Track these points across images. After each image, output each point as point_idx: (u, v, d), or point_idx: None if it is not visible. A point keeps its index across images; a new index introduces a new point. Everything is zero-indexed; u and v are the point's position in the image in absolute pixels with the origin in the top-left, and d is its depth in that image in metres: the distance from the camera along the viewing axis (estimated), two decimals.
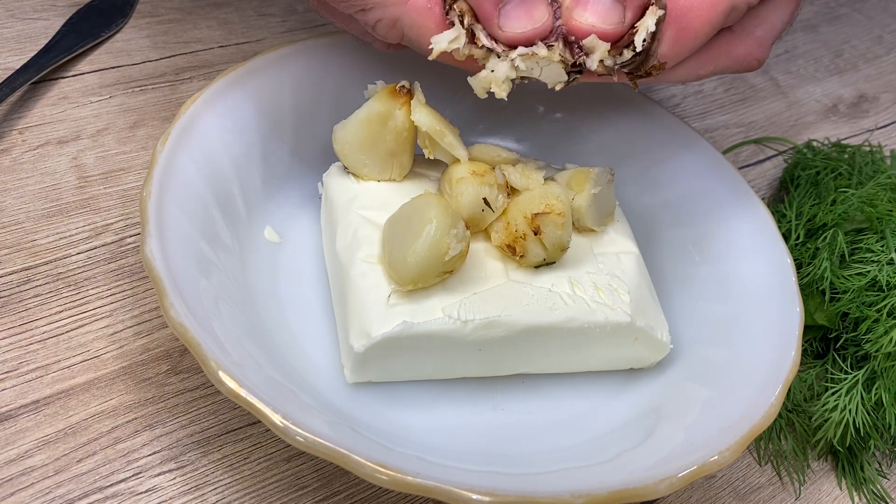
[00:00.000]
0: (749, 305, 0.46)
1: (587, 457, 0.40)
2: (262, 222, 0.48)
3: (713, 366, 0.44)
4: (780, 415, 0.49)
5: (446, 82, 0.55)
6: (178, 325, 0.37)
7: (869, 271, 0.50)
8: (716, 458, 0.37)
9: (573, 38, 0.38)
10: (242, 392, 0.35)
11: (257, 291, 0.45)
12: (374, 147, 0.45)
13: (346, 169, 0.47)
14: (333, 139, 0.46)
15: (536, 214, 0.42)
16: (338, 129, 0.46)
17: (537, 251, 0.43)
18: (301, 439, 0.34)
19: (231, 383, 0.35)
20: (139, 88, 0.57)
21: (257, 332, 0.42)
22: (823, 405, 0.47)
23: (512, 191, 0.44)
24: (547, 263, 0.43)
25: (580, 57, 0.38)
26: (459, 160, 0.44)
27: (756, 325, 0.45)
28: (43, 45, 0.57)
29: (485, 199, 0.43)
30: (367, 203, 0.45)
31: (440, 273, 0.40)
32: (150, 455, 0.41)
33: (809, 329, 0.51)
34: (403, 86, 0.44)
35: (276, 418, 0.34)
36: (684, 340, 0.46)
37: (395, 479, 0.34)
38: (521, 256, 0.43)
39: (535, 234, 0.42)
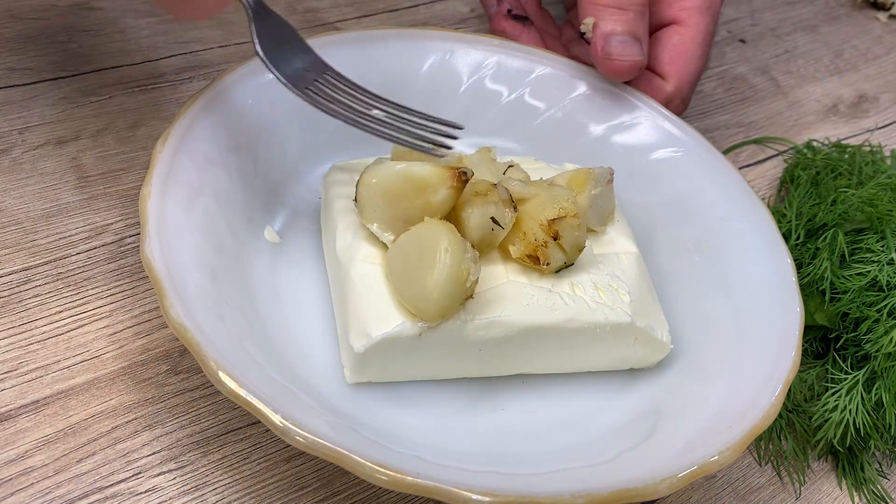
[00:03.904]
0: (749, 305, 0.46)
1: (587, 457, 0.40)
2: (262, 222, 0.48)
3: (713, 366, 0.44)
4: (780, 415, 0.49)
5: (447, 82, 0.55)
6: (177, 325, 0.37)
7: (869, 271, 0.50)
8: (716, 458, 0.37)
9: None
10: (242, 392, 0.35)
11: (257, 292, 0.45)
12: (396, 202, 0.41)
13: (354, 202, 0.43)
14: (367, 170, 0.42)
15: (553, 220, 0.42)
16: (375, 164, 0.42)
17: (558, 256, 0.42)
18: (301, 439, 0.34)
19: (231, 383, 0.35)
20: (139, 88, 0.57)
21: (257, 333, 0.42)
22: (823, 405, 0.47)
23: (518, 201, 0.44)
24: (566, 266, 0.43)
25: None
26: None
27: (756, 325, 0.45)
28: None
29: (493, 219, 0.42)
30: None
31: (462, 300, 0.40)
32: (150, 455, 0.41)
33: (809, 329, 0.51)
34: (464, 173, 0.40)
35: (276, 418, 0.34)
36: (684, 340, 0.46)
37: (395, 479, 0.34)
38: (547, 264, 0.42)
39: (555, 239, 0.42)
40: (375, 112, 0.45)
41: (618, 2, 0.52)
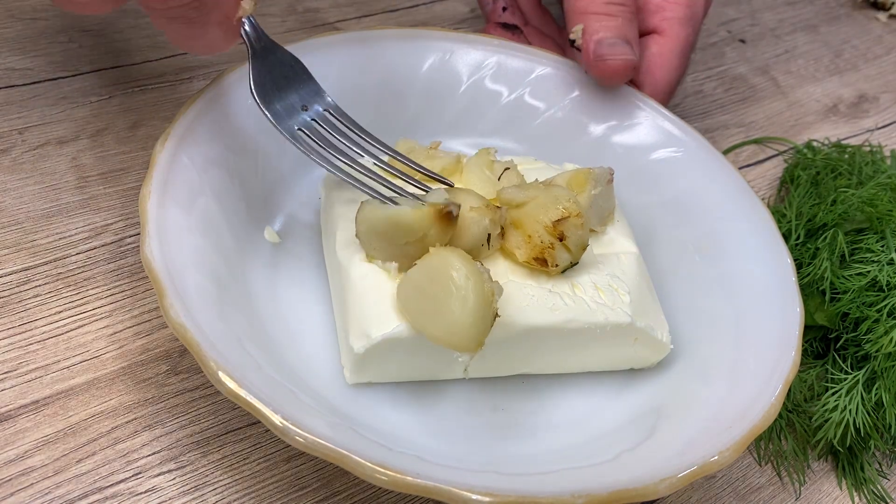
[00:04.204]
0: (749, 305, 0.46)
1: (587, 457, 0.40)
2: (262, 222, 0.48)
3: (713, 366, 0.44)
4: (780, 415, 0.49)
5: (447, 82, 0.55)
6: (177, 325, 0.37)
7: (869, 271, 0.50)
8: (716, 458, 0.37)
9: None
10: (242, 392, 0.35)
11: (257, 291, 0.45)
12: (392, 242, 0.41)
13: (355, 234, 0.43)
14: (358, 211, 0.42)
15: (557, 221, 0.42)
16: (365, 205, 0.42)
17: (564, 256, 0.42)
18: (301, 440, 0.34)
19: (231, 384, 0.35)
20: (139, 88, 0.57)
21: (257, 333, 0.42)
22: (823, 405, 0.47)
23: (516, 205, 0.43)
24: (572, 265, 0.43)
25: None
26: (469, 188, 0.44)
27: (756, 325, 0.45)
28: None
29: (489, 237, 0.42)
30: None
31: (492, 320, 0.39)
32: (149, 455, 0.41)
33: (809, 329, 0.51)
34: (451, 211, 0.40)
35: (276, 419, 0.34)
36: (684, 340, 0.46)
37: (395, 479, 0.34)
38: (555, 266, 0.42)
39: (561, 240, 0.42)
40: (365, 160, 0.45)
41: (606, 9, 0.52)
